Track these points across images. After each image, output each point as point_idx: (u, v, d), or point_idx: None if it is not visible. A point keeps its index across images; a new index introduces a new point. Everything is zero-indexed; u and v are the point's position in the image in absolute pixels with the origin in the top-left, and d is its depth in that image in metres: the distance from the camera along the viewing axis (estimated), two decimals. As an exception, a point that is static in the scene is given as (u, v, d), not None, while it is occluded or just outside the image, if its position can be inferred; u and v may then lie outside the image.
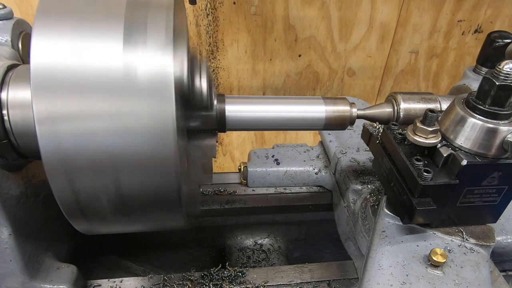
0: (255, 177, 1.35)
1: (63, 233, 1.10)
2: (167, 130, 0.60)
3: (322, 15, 1.91)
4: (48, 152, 0.59)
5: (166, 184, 0.65)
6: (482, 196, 0.80)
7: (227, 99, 0.87)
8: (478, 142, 0.74)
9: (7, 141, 0.73)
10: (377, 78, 2.23)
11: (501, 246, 1.00)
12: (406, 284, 0.76)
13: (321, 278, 1.09)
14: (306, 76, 2.14)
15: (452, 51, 2.19)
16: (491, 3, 2.02)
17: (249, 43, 1.94)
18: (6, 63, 0.75)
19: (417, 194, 0.75)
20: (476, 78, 1.17)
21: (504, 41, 1.11)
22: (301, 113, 0.91)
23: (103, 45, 0.59)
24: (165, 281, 1.06)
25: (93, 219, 0.71)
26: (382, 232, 0.86)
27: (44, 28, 0.59)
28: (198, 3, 1.77)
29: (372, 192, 1.11)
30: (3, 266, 0.86)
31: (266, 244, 1.47)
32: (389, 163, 0.84)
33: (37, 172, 0.94)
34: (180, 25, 0.70)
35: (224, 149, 2.38)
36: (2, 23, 0.89)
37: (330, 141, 1.37)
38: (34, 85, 0.57)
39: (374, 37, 2.04)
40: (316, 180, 1.37)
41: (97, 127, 0.59)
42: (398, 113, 0.93)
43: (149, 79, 0.59)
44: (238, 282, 1.07)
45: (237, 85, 2.10)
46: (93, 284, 1.04)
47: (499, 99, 0.72)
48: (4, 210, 0.81)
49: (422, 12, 1.99)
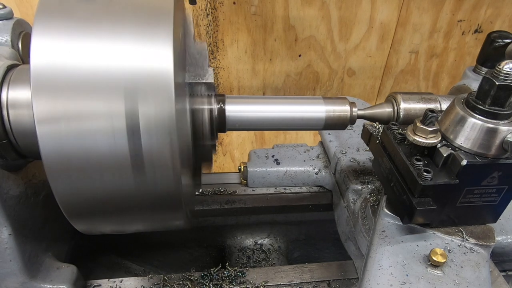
0: (255, 177, 1.35)
1: (63, 233, 1.10)
2: (167, 130, 0.60)
3: (322, 15, 1.91)
4: (48, 152, 0.59)
5: (166, 184, 0.65)
6: (482, 196, 0.80)
7: (227, 99, 0.87)
8: (478, 142, 0.74)
9: (7, 141, 0.73)
10: (377, 78, 2.23)
11: (501, 246, 1.00)
12: (406, 284, 0.76)
13: (321, 278, 1.09)
14: (306, 76, 2.14)
15: (452, 51, 2.19)
16: (491, 3, 2.02)
17: (249, 43, 1.94)
18: (6, 63, 0.75)
19: (417, 194, 0.75)
20: (476, 78, 1.17)
21: (504, 41, 1.11)
22: (301, 113, 0.91)
23: (103, 45, 0.59)
24: (165, 281, 1.06)
25: (93, 219, 0.71)
26: (382, 232, 0.86)
27: (44, 28, 0.59)
28: (198, 3, 1.77)
29: (372, 192, 1.11)
30: (3, 266, 0.86)
31: (266, 244, 1.47)
32: (389, 163, 0.84)
33: (37, 172, 0.94)
34: (180, 25, 0.70)
35: (224, 149, 2.38)
36: (2, 23, 0.89)
37: (330, 141, 1.37)
38: (34, 85, 0.57)
39: (374, 37, 2.04)
40: (316, 180, 1.37)
41: (97, 127, 0.59)
42: (398, 113, 0.93)
43: (149, 79, 0.59)
44: (238, 282, 1.07)
45: (237, 85, 2.10)
46: (93, 284, 1.04)
47: (499, 99, 0.72)
48: (4, 210, 0.81)
49: (422, 12, 1.99)
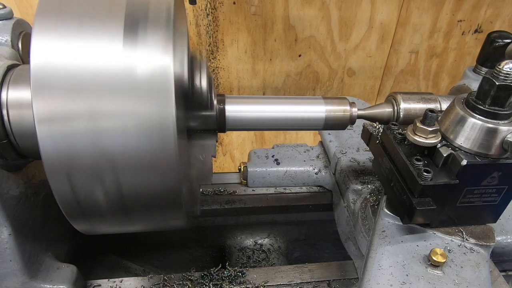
0: (255, 177, 1.35)
1: (63, 233, 1.10)
2: (167, 130, 0.60)
3: (322, 15, 1.91)
4: (48, 152, 0.59)
5: (166, 184, 0.65)
6: (482, 196, 0.80)
7: (227, 99, 0.87)
8: (478, 142, 0.74)
9: (7, 141, 0.73)
10: (377, 78, 2.23)
11: (501, 246, 1.00)
12: (406, 284, 0.76)
13: (321, 278, 1.09)
14: (306, 76, 2.13)
15: (452, 51, 2.19)
16: (491, 3, 2.02)
17: (249, 43, 1.94)
18: (6, 63, 0.75)
19: (417, 194, 0.75)
20: (476, 78, 1.17)
21: (504, 41, 1.11)
22: (301, 113, 0.91)
23: (103, 45, 0.59)
24: (165, 281, 1.06)
25: (93, 219, 0.71)
26: (382, 232, 0.86)
27: (44, 28, 0.59)
28: (198, 3, 1.77)
29: (372, 192, 1.11)
30: (3, 266, 0.86)
31: (266, 244, 1.47)
32: (389, 163, 0.84)
33: (37, 172, 0.94)
34: (180, 25, 0.70)
35: (224, 149, 2.38)
36: (2, 23, 0.89)
37: (330, 141, 1.37)
38: (34, 85, 0.57)
39: (374, 37, 2.04)
40: (316, 180, 1.37)
41: (97, 127, 0.59)
42: (398, 113, 0.93)
43: (149, 79, 0.59)
44: (238, 282, 1.07)
45: (237, 85, 2.10)
46: (93, 284, 1.04)
47: (499, 99, 0.72)
48: (4, 210, 0.81)
49: (422, 12, 1.99)
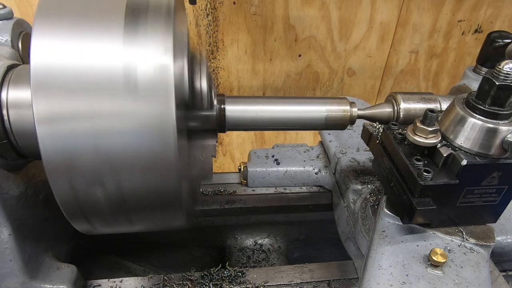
0: (255, 177, 1.35)
1: (63, 233, 1.10)
2: (167, 130, 0.60)
3: (322, 15, 1.91)
4: (48, 152, 0.59)
5: (166, 184, 0.65)
6: (482, 196, 0.80)
7: (227, 99, 0.87)
8: (478, 142, 0.74)
9: (7, 141, 0.73)
10: (377, 78, 2.23)
11: (501, 246, 1.00)
12: (406, 284, 0.76)
13: (321, 278, 1.09)
14: (306, 76, 2.13)
15: (452, 51, 2.19)
16: (491, 3, 2.02)
17: (249, 43, 1.94)
18: (6, 63, 0.75)
19: (417, 194, 0.75)
20: (476, 78, 1.17)
21: (504, 41, 1.11)
22: (301, 113, 0.91)
23: (103, 45, 0.59)
24: (165, 281, 1.06)
25: (93, 219, 0.71)
26: (382, 232, 0.86)
27: (44, 28, 0.59)
28: (198, 3, 1.77)
29: (372, 192, 1.11)
30: (3, 266, 0.86)
31: (266, 244, 1.47)
32: (389, 163, 0.84)
33: (37, 172, 0.94)
34: (180, 25, 0.70)
35: (224, 149, 2.38)
36: (2, 23, 0.89)
37: (330, 141, 1.37)
38: (34, 85, 0.57)
39: (374, 37, 2.04)
40: (316, 180, 1.37)
41: (97, 127, 0.59)
42: (398, 113, 0.93)
43: (149, 79, 0.59)
44: (238, 282, 1.07)
45: (237, 85, 2.10)
46: (93, 284, 1.04)
47: (499, 99, 0.72)
48: (4, 210, 0.81)
49: (422, 12, 1.99)
